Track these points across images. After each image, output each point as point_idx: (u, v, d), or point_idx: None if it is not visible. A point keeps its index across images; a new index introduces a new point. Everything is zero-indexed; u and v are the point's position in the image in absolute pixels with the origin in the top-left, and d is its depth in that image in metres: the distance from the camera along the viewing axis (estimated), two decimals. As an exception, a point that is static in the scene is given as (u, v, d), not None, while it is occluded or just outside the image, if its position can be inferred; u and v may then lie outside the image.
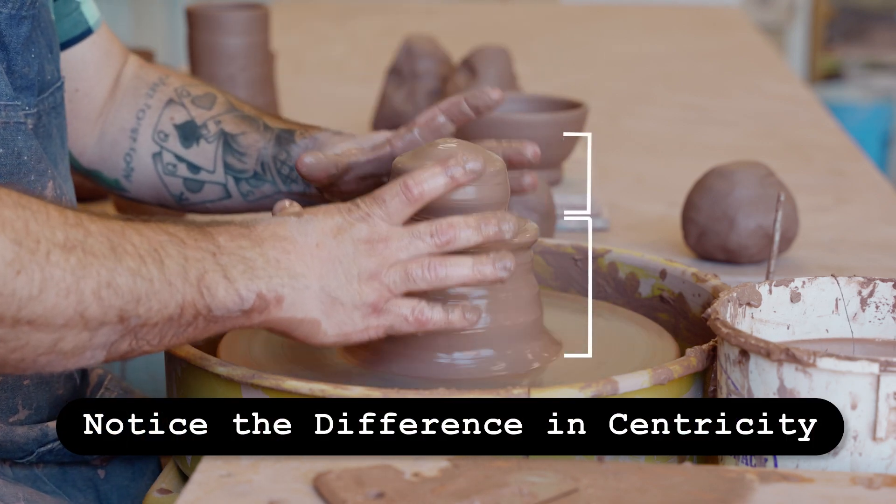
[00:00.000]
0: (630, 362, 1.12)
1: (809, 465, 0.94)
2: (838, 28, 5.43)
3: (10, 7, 1.11)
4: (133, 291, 0.92)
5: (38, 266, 0.89)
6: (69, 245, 0.90)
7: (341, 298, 0.99)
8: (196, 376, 1.06)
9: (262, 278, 0.97)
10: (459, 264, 1.01)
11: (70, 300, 0.90)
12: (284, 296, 0.98)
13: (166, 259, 0.94)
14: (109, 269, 0.91)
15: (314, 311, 0.99)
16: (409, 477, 0.88)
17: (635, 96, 2.58)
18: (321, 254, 0.99)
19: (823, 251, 1.60)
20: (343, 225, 1.01)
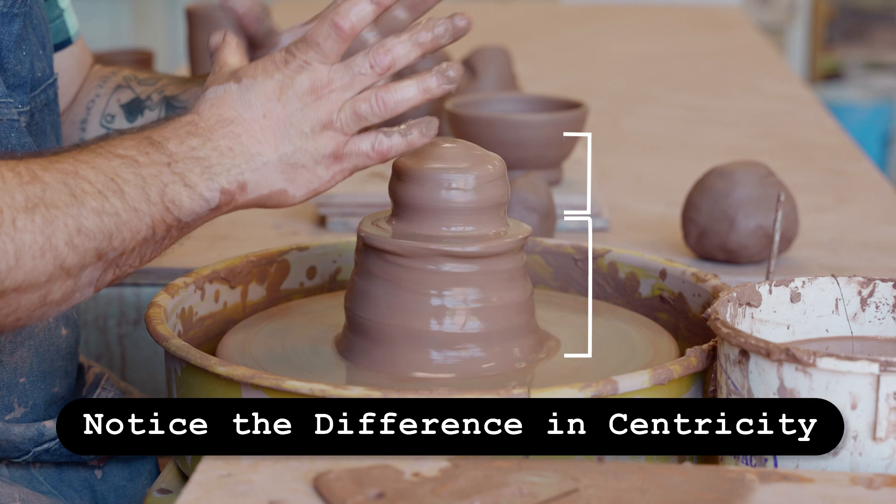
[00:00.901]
0: (630, 362, 1.12)
1: (809, 465, 0.94)
2: (838, 28, 5.43)
3: (1, 5, 1.11)
4: (103, 229, 0.94)
5: (7, 237, 0.90)
6: (30, 205, 0.91)
7: (301, 161, 1.01)
8: (196, 376, 1.06)
9: (221, 174, 0.99)
10: (404, 87, 1.03)
11: (47, 258, 0.92)
12: (247, 181, 1.00)
13: (125, 186, 0.95)
14: (75, 216, 0.93)
15: (278, 182, 1.01)
16: (409, 477, 0.88)
17: (635, 96, 2.58)
18: (270, 123, 1.01)
19: (823, 251, 1.60)
20: (284, 82, 1.01)
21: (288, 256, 1.31)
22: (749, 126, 2.34)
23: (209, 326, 1.25)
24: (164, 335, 1.08)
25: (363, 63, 1.02)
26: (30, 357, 1.14)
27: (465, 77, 2.01)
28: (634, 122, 2.37)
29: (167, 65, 4.12)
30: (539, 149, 1.70)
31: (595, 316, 1.23)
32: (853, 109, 4.87)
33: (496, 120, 1.69)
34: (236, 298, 1.28)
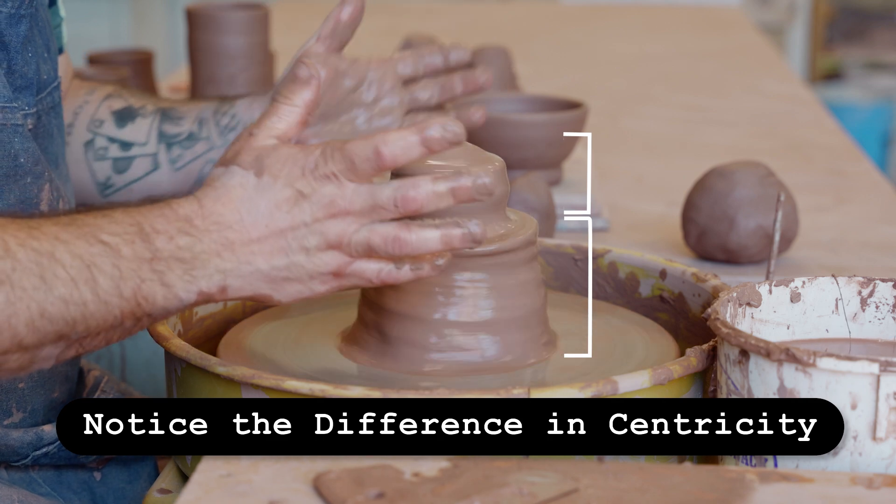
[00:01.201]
0: (630, 362, 1.12)
1: (809, 465, 0.93)
2: (838, 28, 5.43)
3: (9, 6, 1.11)
4: (67, 317, 0.93)
5: None
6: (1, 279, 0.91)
7: (294, 275, 0.98)
8: (196, 376, 1.06)
9: (203, 277, 0.97)
10: (427, 236, 0.98)
11: (4, 335, 0.91)
12: (228, 285, 0.98)
13: (99, 277, 0.94)
14: (40, 300, 0.92)
15: (263, 288, 0.99)
16: (409, 477, 0.88)
17: (635, 96, 2.58)
18: (270, 234, 0.97)
19: (823, 251, 1.60)
20: (303, 192, 0.97)
21: (288, 256, 1.31)
22: (749, 126, 2.33)
23: (209, 326, 1.25)
24: (164, 335, 1.08)
25: (389, 198, 0.97)
26: None
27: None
28: (634, 122, 2.36)
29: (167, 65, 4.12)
30: (539, 149, 1.70)
31: (595, 316, 1.23)
32: (853, 109, 4.87)
33: (496, 120, 1.69)
34: (236, 298, 1.28)
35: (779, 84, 2.74)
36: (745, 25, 3.51)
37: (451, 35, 2.65)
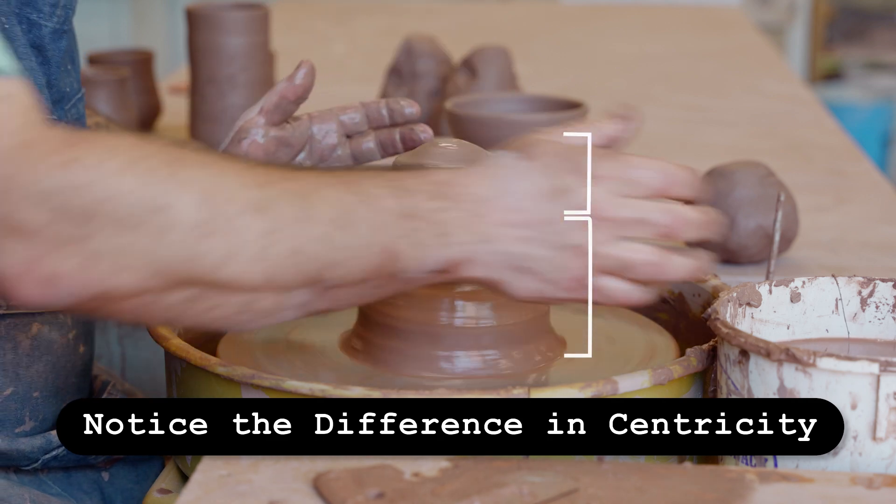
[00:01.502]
0: (630, 362, 1.12)
1: (809, 465, 0.93)
2: (838, 28, 5.43)
3: (55, 21, 1.11)
4: (321, 258, 0.91)
5: (228, 228, 0.87)
6: (259, 207, 0.88)
7: (533, 268, 0.95)
8: (196, 376, 1.06)
9: (453, 245, 0.94)
10: (679, 267, 0.96)
11: (259, 266, 0.89)
12: (471, 259, 0.95)
13: (359, 224, 0.91)
14: (299, 235, 0.89)
15: (501, 273, 0.96)
16: (409, 477, 0.88)
17: (635, 96, 2.58)
18: (519, 220, 0.94)
19: (823, 251, 1.60)
20: (563, 187, 0.94)
21: (288, 256, 1.31)
22: (749, 126, 2.33)
23: (209, 326, 1.24)
24: (164, 335, 1.08)
25: (658, 216, 0.95)
26: (46, 372, 1.14)
27: (466, 77, 2.01)
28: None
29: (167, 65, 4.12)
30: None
31: (595, 316, 1.23)
32: (853, 109, 4.87)
33: (496, 120, 1.69)
34: (236, 298, 1.28)
35: (779, 84, 2.74)
36: (745, 25, 3.51)
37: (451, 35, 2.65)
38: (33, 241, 0.84)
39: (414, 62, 2.09)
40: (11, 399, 1.12)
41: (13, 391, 1.12)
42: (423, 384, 1.07)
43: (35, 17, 1.10)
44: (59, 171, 0.84)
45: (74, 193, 0.83)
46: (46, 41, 1.11)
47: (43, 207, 0.83)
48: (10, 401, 1.12)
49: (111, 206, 0.84)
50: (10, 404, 1.12)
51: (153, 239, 0.85)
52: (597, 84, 2.67)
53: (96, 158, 0.85)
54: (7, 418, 1.12)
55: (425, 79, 2.09)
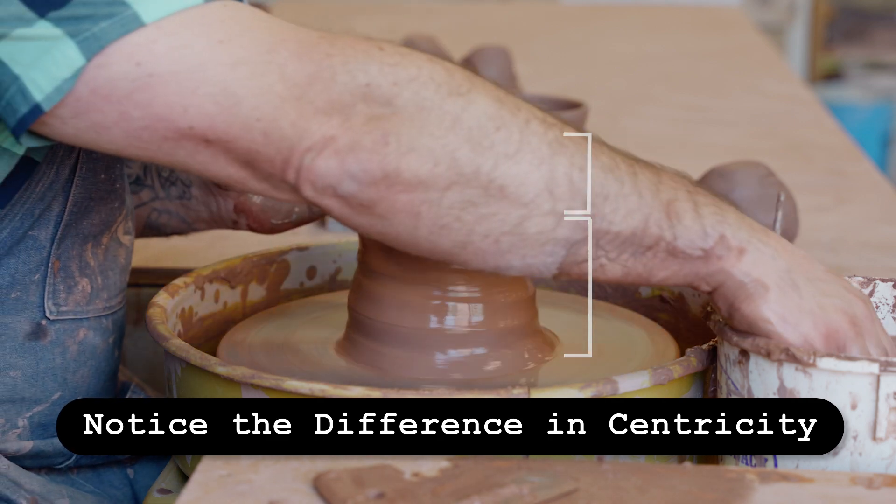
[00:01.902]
0: (630, 362, 1.12)
1: (809, 465, 0.94)
2: (838, 28, 5.44)
3: None
4: (603, 186, 0.92)
5: (517, 127, 0.90)
6: (548, 122, 0.91)
7: (803, 291, 0.95)
8: (196, 376, 1.06)
9: (731, 225, 0.95)
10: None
11: (542, 171, 0.90)
12: (748, 249, 0.94)
13: (640, 173, 0.93)
14: (583, 156, 0.91)
15: (770, 277, 0.94)
16: (409, 477, 0.88)
17: (635, 96, 2.59)
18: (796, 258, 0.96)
19: (823, 251, 1.60)
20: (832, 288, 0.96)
21: (288, 256, 1.31)
22: (749, 126, 2.34)
23: (209, 326, 1.25)
24: (164, 335, 1.08)
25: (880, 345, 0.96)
26: (89, 376, 1.14)
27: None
28: (634, 122, 2.37)
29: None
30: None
31: (595, 316, 1.23)
32: (853, 109, 4.87)
33: (496, 120, 1.69)
34: (236, 298, 1.28)
35: (779, 84, 2.74)
36: (745, 25, 3.51)
37: (451, 35, 2.65)
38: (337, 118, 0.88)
39: (414, 62, 2.09)
40: (59, 404, 1.12)
41: (61, 395, 1.12)
42: (422, 384, 1.07)
43: None
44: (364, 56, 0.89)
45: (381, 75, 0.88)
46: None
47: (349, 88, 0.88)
48: (56, 406, 1.12)
49: (414, 87, 0.88)
50: (57, 409, 1.12)
51: (448, 125, 0.88)
52: (597, 84, 2.67)
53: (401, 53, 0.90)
54: (51, 422, 1.12)
55: (425, 79, 2.08)
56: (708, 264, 0.95)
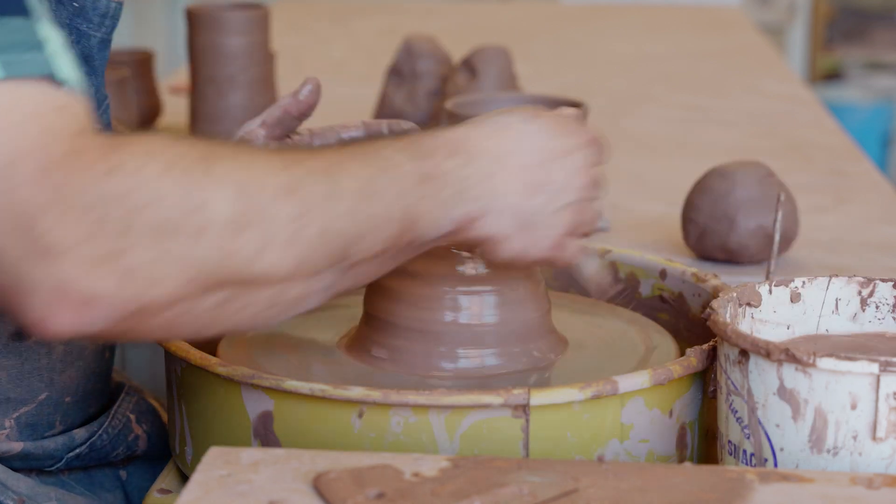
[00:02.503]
0: (630, 362, 1.12)
1: (809, 464, 0.94)
2: (838, 28, 5.43)
3: (102, 32, 1.12)
4: (348, 233, 0.90)
5: (260, 220, 0.85)
6: (290, 188, 0.87)
7: (536, 223, 1.00)
8: (196, 376, 1.06)
9: (469, 200, 0.97)
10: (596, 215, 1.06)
11: (291, 252, 0.87)
12: (483, 214, 0.98)
13: (383, 192, 0.92)
14: (327, 212, 0.89)
15: (506, 228, 0.99)
16: (409, 477, 0.88)
17: (635, 96, 2.58)
18: (529, 178, 0.99)
19: (823, 251, 1.60)
20: (569, 148, 1.01)
21: (288, 256, 1.31)
22: (749, 126, 2.33)
23: (209, 326, 1.24)
24: (164, 335, 1.08)
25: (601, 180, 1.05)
26: (77, 377, 1.14)
27: (466, 77, 2.01)
28: (634, 122, 2.36)
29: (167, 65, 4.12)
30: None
31: (595, 316, 1.23)
32: (853, 109, 4.87)
33: (496, 120, 1.69)
34: (236, 298, 1.28)
35: (779, 84, 2.74)
36: (745, 25, 3.51)
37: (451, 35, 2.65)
38: (67, 261, 0.81)
39: (414, 62, 2.10)
40: (45, 404, 1.12)
41: (47, 396, 1.12)
42: (424, 383, 1.07)
43: (85, 28, 1.11)
44: (104, 178, 0.81)
45: (116, 203, 0.81)
46: (94, 52, 1.12)
47: (84, 221, 0.80)
48: (43, 405, 1.12)
49: (150, 213, 0.82)
50: (44, 409, 1.12)
51: (190, 242, 0.83)
52: (597, 84, 2.67)
53: (138, 162, 0.83)
54: (40, 423, 1.12)
55: (425, 79, 2.09)
56: (450, 237, 0.98)
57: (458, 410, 0.98)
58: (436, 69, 2.09)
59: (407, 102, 2.08)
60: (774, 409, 0.95)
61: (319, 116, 1.55)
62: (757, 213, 1.50)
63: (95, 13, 1.11)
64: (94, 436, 1.16)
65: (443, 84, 2.06)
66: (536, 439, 0.99)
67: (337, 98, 2.47)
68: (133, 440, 1.19)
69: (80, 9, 1.11)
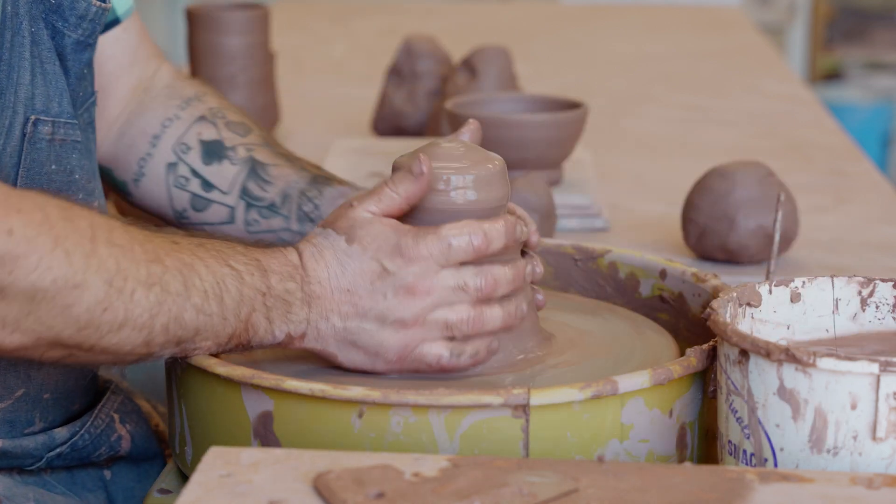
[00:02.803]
0: (630, 362, 1.12)
1: (809, 464, 0.93)
2: (838, 28, 5.43)
3: (79, 33, 1.12)
4: (195, 325, 1.00)
5: (122, 304, 0.96)
6: (150, 282, 0.97)
7: (360, 342, 1.05)
8: (196, 376, 1.06)
9: (294, 321, 1.04)
10: (494, 318, 1.07)
11: (142, 333, 0.98)
12: (306, 334, 1.05)
13: (225, 296, 1.01)
14: (180, 306, 0.99)
15: (331, 346, 1.06)
16: (409, 477, 0.88)
17: (635, 96, 2.58)
18: (351, 300, 1.05)
19: (823, 251, 1.60)
20: (389, 268, 1.04)
21: (288, 256, 1.31)
22: (749, 126, 2.33)
23: (209, 326, 1.24)
24: (164, 335, 1.08)
25: (472, 281, 1.05)
26: (56, 374, 1.14)
27: (466, 77, 2.01)
28: (634, 122, 2.36)
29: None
30: (539, 149, 1.70)
31: (595, 316, 1.23)
32: (853, 109, 4.87)
33: (496, 120, 1.69)
34: (236, 298, 1.28)
35: (779, 84, 2.74)
36: (745, 25, 3.51)
37: (451, 35, 2.65)
38: None
39: (414, 62, 2.10)
40: (23, 400, 1.12)
41: (24, 392, 1.12)
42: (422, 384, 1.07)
43: (60, 26, 1.11)
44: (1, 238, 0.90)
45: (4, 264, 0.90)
46: (68, 51, 1.12)
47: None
48: (21, 402, 1.12)
49: (31, 280, 0.92)
50: (22, 405, 1.12)
51: (56, 312, 0.93)
52: (597, 84, 2.67)
53: (32, 232, 0.92)
54: (18, 419, 1.12)
55: (425, 79, 2.09)
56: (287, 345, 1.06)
57: (458, 410, 0.98)
58: (436, 69, 2.09)
59: (407, 102, 2.08)
60: (774, 409, 0.95)
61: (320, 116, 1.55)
62: (757, 213, 1.50)
63: (72, 13, 1.12)
64: (76, 435, 1.16)
65: (443, 84, 2.06)
66: (536, 439, 0.99)
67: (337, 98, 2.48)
68: (116, 440, 1.19)
69: (57, 6, 1.11)
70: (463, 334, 1.05)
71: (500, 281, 1.06)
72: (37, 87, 1.08)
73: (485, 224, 1.05)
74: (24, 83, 1.07)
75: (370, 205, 1.06)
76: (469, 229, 1.05)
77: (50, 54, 1.10)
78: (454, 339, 1.06)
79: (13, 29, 1.06)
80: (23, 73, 1.07)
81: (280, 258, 1.05)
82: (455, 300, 1.05)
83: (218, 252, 1.02)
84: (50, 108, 1.09)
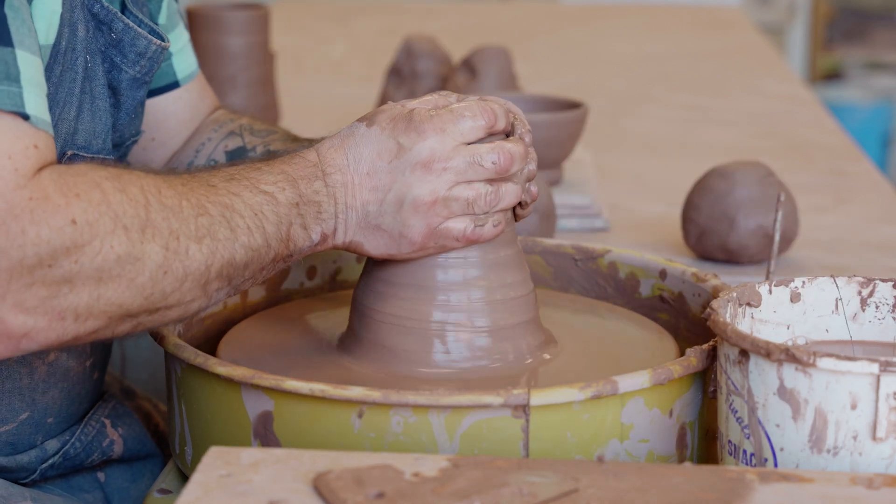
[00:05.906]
0: (630, 362, 1.12)
1: (809, 464, 0.94)
2: (838, 28, 5.43)
3: (136, 70, 1.12)
4: (244, 262, 1.01)
5: (180, 263, 0.97)
6: (200, 235, 0.98)
7: (383, 226, 1.06)
8: (196, 376, 1.06)
9: (327, 219, 1.05)
10: (510, 193, 1.08)
11: (200, 281, 0.99)
12: (336, 228, 1.06)
13: (266, 224, 1.02)
14: (230, 249, 1.00)
15: (357, 234, 1.06)
16: (409, 477, 0.88)
17: (635, 96, 2.58)
18: (371, 182, 1.05)
19: (823, 251, 1.60)
20: (405, 146, 1.05)
21: (288, 256, 1.31)
22: (749, 126, 2.33)
23: (209, 326, 1.25)
24: (164, 335, 1.08)
25: (487, 156, 1.06)
26: (61, 398, 1.14)
27: (466, 77, 2.01)
28: (634, 122, 2.37)
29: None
30: (539, 149, 1.69)
31: (595, 316, 1.23)
32: (853, 109, 4.87)
33: (496, 120, 1.69)
34: (236, 298, 1.28)
35: (779, 84, 2.74)
36: (745, 25, 3.51)
37: (451, 35, 2.65)
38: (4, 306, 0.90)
39: (414, 62, 2.10)
40: (26, 423, 1.12)
41: (29, 416, 1.12)
42: (423, 383, 1.07)
43: (119, 61, 1.11)
44: (62, 231, 0.90)
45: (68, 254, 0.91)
46: (123, 86, 1.12)
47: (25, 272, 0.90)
48: (24, 425, 1.12)
49: (96, 264, 0.92)
50: (25, 429, 1.12)
51: (123, 287, 0.94)
52: (597, 84, 2.67)
53: (92, 215, 0.92)
54: (21, 442, 1.12)
55: (425, 79, 2.09)
56: (314, 250, 1.07)
57: (458, 410, 0.98)
58: (436, 69, 2.09)
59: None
60: (774, 409, 0.95)
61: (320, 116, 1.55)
62: (757, 213, 1.50)
63: (132, 49, 1.11)
64: (67, 444, 1.16)
65: (443, 84, 2.06)
66: (536, 439, 0.99)
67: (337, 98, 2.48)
68: (108, 445, 1.19)
69: (117, 41, 1.11)
70: (482, 210, 1.07)
71: (515, 156, 1.08)
72: (81, 123, 1.08)
73: (487, 104, 1.08)
74: (68, 118, 1.07)
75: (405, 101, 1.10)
76: (478, 105, 1.07)
77: (102, 90, 1.10)
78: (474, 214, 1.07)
79: (64, 64, 1.05)
80: (68, 109, 1.06)
81: (300, 162, 1.06)
82: (472, 176, 1.06)
83: (248, 181, 1.03)
84: (91, 145, 1.09)
